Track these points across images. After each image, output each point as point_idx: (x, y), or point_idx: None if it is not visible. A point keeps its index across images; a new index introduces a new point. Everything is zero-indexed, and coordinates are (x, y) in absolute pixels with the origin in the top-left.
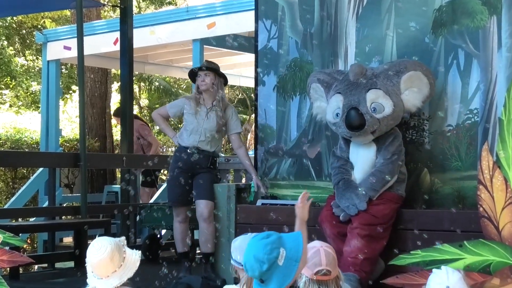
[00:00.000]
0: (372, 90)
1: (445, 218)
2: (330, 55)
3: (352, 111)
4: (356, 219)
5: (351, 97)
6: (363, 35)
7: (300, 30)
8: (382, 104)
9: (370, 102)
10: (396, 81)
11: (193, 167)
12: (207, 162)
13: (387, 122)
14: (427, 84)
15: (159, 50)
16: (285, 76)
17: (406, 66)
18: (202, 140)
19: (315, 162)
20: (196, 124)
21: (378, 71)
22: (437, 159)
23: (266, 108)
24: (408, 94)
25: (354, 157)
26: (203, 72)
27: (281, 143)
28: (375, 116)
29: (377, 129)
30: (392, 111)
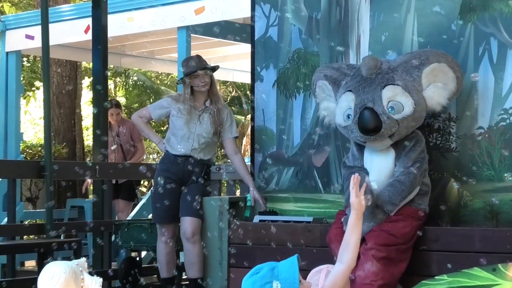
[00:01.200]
0: (389, 87)
1: (475, 237)
2: (339, 46)
3: (365, 112)
4: (370, 238)
5: (365, 95)
6: (378, 22)
7: (304, 16)
8: (401, 103)
9: (387, 100)
10: (416, 75)
11: (184, 178)
12: (200, 172)
13: (407, 123)
14: (453, 78)
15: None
16: (286, 71)
17: (427, 57)
18: (195, 148)
19: (322, 172)
20: (187, 130)
21: (395, 63)
22: (466, 167)
23: (264, 108)
24: (431, 90)
25: (369, 166)
26: (203, 72)
27: (282, 149)
28: (393, 116)
29: (396, 132)
30: (413, 111)
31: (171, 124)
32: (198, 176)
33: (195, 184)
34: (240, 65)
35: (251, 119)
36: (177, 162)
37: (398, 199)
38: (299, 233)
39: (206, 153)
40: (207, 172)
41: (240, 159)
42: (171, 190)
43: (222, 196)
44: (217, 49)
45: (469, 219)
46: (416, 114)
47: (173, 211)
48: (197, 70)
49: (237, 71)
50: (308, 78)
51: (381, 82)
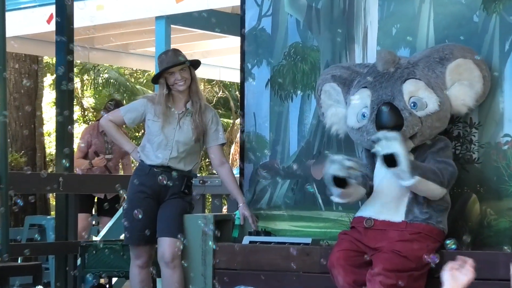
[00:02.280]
0: (411, 81)
1: (500, 262)
2: (343, 39)
3: (384, 107)
4: (378, 261)
5: (382, 90)
6: (389, 12)
7: (303, 5)
8: (425, 99)
9: (409, 95)
10: (440, 72)
11: (161, 192)
12: (180, 185)
13: (432, 123)
14: (479, 77)
15: (109, 31)
16: (281, 68)
17: (452, 51)
18: (174, 157)
19: (322, 186)
20: (164, 136)
21: (415, 58)
22: (490, 181)
23: (256, 111)
24: (457, 88)
25: (379, 178)
26: (177, 69)
27: (277, 159)
28: (415, 113)
29: (419, 132)
30: (439, 108)
31: (147, 129)
32: (178, 190)
33: (174, 199)
34: (228, 62)
35: (240, 124)
36: (153, 174)
37: (429, 174)
38: (295, 256)
39: (187, 163)
40: (188, 185)
41: (228, 170)
42: (146, 207)
43: (206, 214)
44: (201, 42)
45: (493, 241)
46: (442, 114)
47: (148, 231)
48: (172, 66)
49: (225, 68)
50: (307, 76)
51: (401, 75)
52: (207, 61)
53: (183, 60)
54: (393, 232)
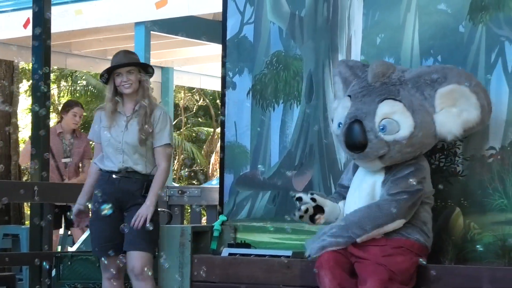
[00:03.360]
0: (388, 101)
1: (483, 277)
2: (326, 49)
3: (354, 125)
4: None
5: (360, 105)
6: (373, 21)
7: (286, 12)
8: (398, 123)
9: (381, 117)
10: (429, 94)
11: (123, 199)
12: (140, 190)
13: (401, 149)
14: (476, 105)
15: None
16: (263, 77)
17: (446, 75)
18: (128, 160)
19: None
20: (114, 139)
21: (408, 75)
22: (474, 195)
23: (236, 120)
24: (444, 115)
25: (356, 186)
26: (124, 70)
27: (257, 170)
28: (382, 137)
29: (387, 155)
30: (410, 135)
31: (101, 137)
32: (139, 195)
33: (136, 207)
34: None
35: (220, 134)
36: (112, 181)
37: (369, 226)
38: (276, 269)
39: (146, 165)
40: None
41: (159, 171)
42: (110, 216)
43: (184, 225)
44: (181, 49)
45: (476, 255)
46: (415, 140)
47: (115, 242)
48: (117, 67)
49: (206, 76)
50: (289, 86)
51: (382, 93)
52: (188, 69)
53: (126, 61)
54: (374, 248)
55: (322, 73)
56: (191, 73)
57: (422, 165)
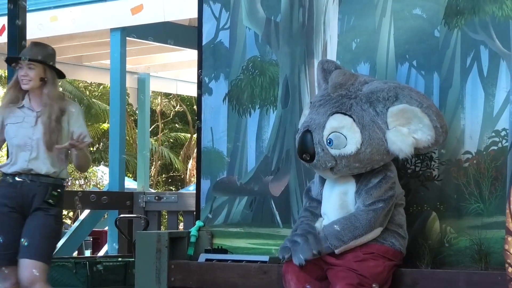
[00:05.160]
0: (337, 115)
1: (460, 281)
2: (302, 54)
3: (303, 135)
4: (338, 279)
5: (315, 116)
6: (349, 26)
7: (261, 18)
8: (346, 138)
9: (330, 130)
10: (380, 111)
11: (25, 204)
12: (43, 193)
13: (349, 163)
14: (429, 127)
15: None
16: (239, 82)
17: (396, 95)
18: (34, 158)
19: (281, 202)
20: (23, 135)
21: (367, 89)
22: (450, 199)
23: (213, 126)
24: (393, 133)
25: (327, 196)
26: (25, 64)
27: (234, 175)
28: (329, 150)
29: (335, 168)
30: (356, 151)
31: (6, 135)
32: (40, 202)
33: (36, 215)
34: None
35: (197, 139)
36: (14, 184)
37: (348, 237)
38: (252, 275)
39: (52, 165)
40: (55, 195)
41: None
42: (10, 222)
43: (160, 231)
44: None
45: (453, 260)
46: (362, 156)
47: (14, 250)
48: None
49: (182, 81)
50: (266, 91)
51: (334, 107)
52: (164, 74)
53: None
54: (347, 255)
55: (298, 78)
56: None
57: (390, 170)
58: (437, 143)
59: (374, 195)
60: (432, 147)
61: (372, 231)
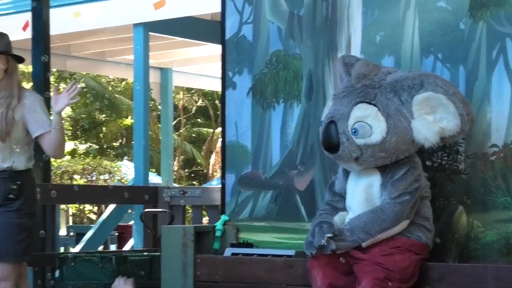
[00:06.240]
0: (362, 105)
1: (488, 275)
2: (326, 47)
3: (328, 126)
4: (362, 274)
5: (338, 106)
6: (373, 19)
7: (284, 12)
8: (371, 127)
9: (355, 120)
10: (405, 100)
11: None
12: (2, 190)
13: (374, 153)
14: (455, 115)
15: (86, 38)
16: (263, 76)
17: (422, 82)
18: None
19: (306, 197)
20: None
21: (390, 78)
22: (477, 193)
23: (237, 120)
24: (419, 121)
25: (352, 189)
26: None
27: (259, 170)
28: (354, 140)
29: (360, 158)
30: (381, 140)
31: None
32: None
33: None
34: (208, 70)
35: (221, 134)
36: None
37: (375, 230)
38: (278, 269)
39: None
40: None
41: None
42: None
43: (185, 225)
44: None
45: (480, 254)
46: (388, 145)
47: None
48: None
49: (205, 76)
50: (290, 85)
51: (358, 96)
52: (187, 69)
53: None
54: (374, 249)
55: (322, 72)
56: (190, 73)
57: (415, 161)
58: (463, 131)
59: (400, 187)
60: (458, 136)
61: (399, 224)
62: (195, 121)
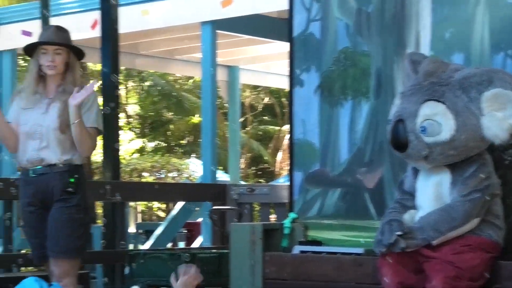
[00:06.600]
0: (431, 103)
1: None
2: (394, 44)
3: (396, 125)
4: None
5: (407, 105)
6: (442, 15)
7: (352, 9)
8: (440, 124)
9: (423, 118)
10: (474, 97)
11: (46, 197)
12: (60, 184)
13: (444, 151)
14: None
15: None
16: (331, 74)
17: (491, 79)
18: (45, 147)
19: (374, 195)
20: (33, 122)
21: (459, 75)
22: None
23: (305, 118)
24: (488, 118)
25: (421, 188)
26: (51, 48)
27: (327, 167)
28: (423, 138)
29: (430, 157)
30: (451, 138)
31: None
32: (59, 190)
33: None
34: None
35: (289, 132)
36: (30, 181)
37: (445, 228)
38: (347, 267)
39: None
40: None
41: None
42: (36, 223)
43: (254, 223)
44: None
45: None
46: (457, 143)
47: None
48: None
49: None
50: (358, 82)
51: (426, 94)
52: (254, 67)
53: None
54: (444, 247)
55: (390, 69)
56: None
57: (485, 159)
58: None
59: (471, 185)
60: None
61: (469, 222)
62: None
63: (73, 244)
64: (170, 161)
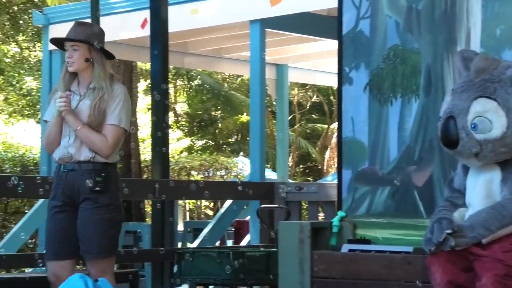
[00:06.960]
0: (482, 99)
1: None
2: (445, 42)
3: (446, 122)
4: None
5: (458, 101)
6: (492, 12)
7: (402, 6)
8: (491, 121)
9: (474, 115)
10: None
11: (74, 195)
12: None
13: (495, 148)
14: None
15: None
16: (381, 71)
17: None
18: (73, 143)
19: (424, 193)
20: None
21: (510, 72)
22: None
23: (354, 116)
24: None
25: (471, 185)
26: (69, 44)
27: (376, 165)
28: (474, 135)
29: (480, 154)
30: (502, 135)
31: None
32: (87, 191)
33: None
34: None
35: (338, 129)
36: (61, 176)
37: (496, 226)
38: (396, 266)
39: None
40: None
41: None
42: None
43: (302, 221)
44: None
45: None
46: (509, 140)
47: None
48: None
49: (320, 72)
50: (407, 79)
51: (477, 91)
52: (302, 65)
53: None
54: (494, 245)
55: (440, 67)
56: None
57: None
58: None
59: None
60: None
61: None
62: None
63: (107, 243)
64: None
